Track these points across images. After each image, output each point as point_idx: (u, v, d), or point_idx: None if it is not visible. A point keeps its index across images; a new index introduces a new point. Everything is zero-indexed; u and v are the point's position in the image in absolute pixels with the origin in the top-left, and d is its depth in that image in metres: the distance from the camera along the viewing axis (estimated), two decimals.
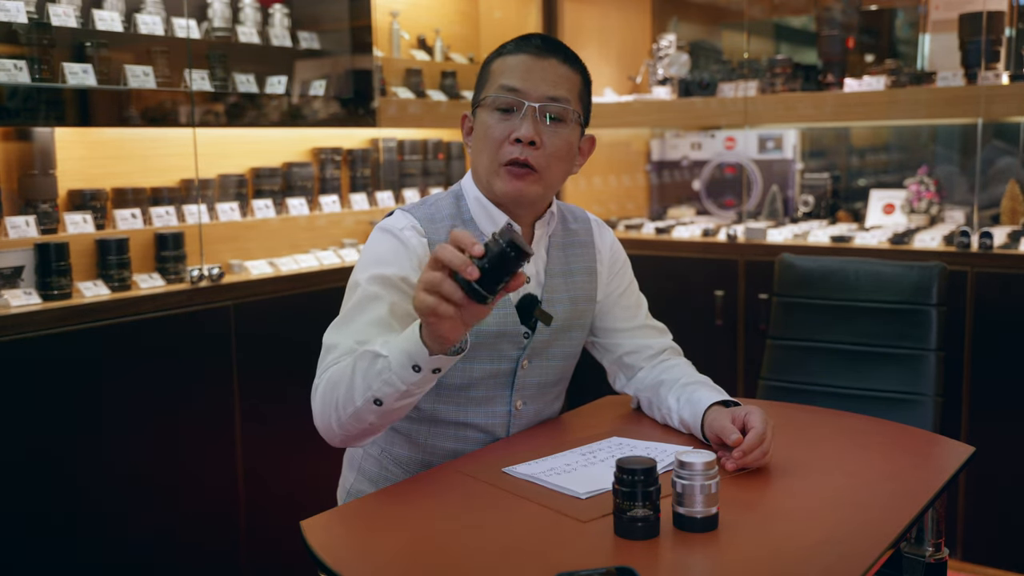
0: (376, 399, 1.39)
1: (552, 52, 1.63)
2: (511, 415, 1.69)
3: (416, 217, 1.64)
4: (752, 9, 4.11)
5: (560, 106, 1.61)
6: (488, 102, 1.62)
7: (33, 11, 2.52)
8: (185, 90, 2.77)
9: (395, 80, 3.55)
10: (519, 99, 1.59)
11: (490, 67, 1.66)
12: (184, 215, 2.83)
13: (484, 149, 1.63)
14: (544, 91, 1.60)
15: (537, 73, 1.60)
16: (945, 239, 3.18)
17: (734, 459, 1.46)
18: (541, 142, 1.59)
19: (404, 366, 1.35)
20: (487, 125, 1.62)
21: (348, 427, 1.45)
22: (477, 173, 1.67)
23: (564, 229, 1.78)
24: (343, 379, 1.43)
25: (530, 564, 1.18)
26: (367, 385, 1.39)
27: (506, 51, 1.65)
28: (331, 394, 1.45)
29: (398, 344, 1.37)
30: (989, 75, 3.14)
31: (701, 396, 1.65)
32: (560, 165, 1.64)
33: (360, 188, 3.39)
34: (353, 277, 1.61)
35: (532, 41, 1.64)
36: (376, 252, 1.61)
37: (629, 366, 1.84)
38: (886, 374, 2.20)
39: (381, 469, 1.71)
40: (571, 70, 1.64)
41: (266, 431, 2.81)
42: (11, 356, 2.27)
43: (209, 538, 2.68)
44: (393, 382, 1.36)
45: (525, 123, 1.58)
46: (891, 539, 1.24)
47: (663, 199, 4.30)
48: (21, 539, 2.28)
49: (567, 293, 1.74)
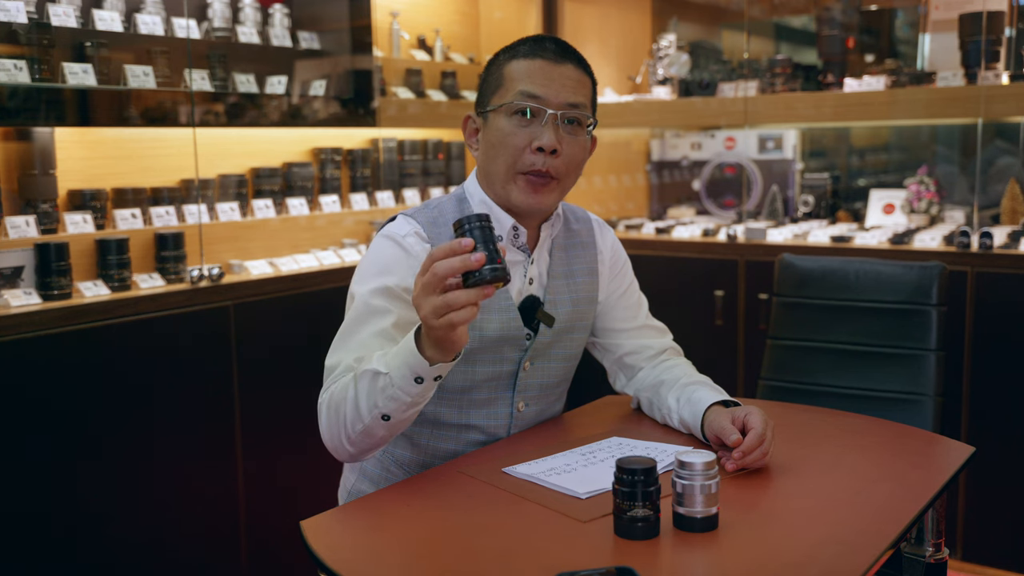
0: (383, 415, 1.41)
1: (568, 57, 1.62)
2: (513, 416, 1.69)
3: (419, 222, 1.63)
4: (752, 9, 4.11)
5: (579, 112, 1.60)
6: (506, 108, 1.59)
7: (33, 11, 2.52)
8: (185, 90, 2.77)
9: (395, 80, 3.55)
10: (541, 106, 1.57)
11: (503, 70, 1.62)
12: (184, 215, 2.83)
13: (500, 156, 1.60)
14: (564, 98, 1.59)
15: (557, 80, 1.59)
16: (945, 239, 3.18)
17: (734, 460, 1.46)
18: (561, 150, 1.58)
19: (406, 379, 1.37)
20: (504, 132, 1.59)
21: (360, 443, 1.47)
22: (489, 178, 1.64)
23: (566, 230, 1.78)
24: (346, 400, 1.44)
25: (530, 564, 1.18)
26: (372, 403, 1.40)
27: (520, 54, 1.62)
28: (335, 415, 1.47)
29: (396, 359, 1.38)
30: (989, 75, 3.14)
31: (701, 396, 1.65)
32: (576, 171, 1.64)
33: (360, 188, 3.39)
34: (354, 286, 1.59)
35: (547, 45, 1.62)
36: (378, 261, 1.59)
37: (629, 366, 1.84)
38: (886, 374, 2.20)
39: (383, 470, 1.71)
40: (584, 75, 1.64)
41: (266, 431, 2.81)
42: (11, 356, 2.27)
43: (209, 538, 2.68)
44: (398, 396, 1.38)
45: (547, 132, 1.57)
46: (891, 539, 1.24)
47: (663, 199, 4.30)
48: (21, 539, 2.28)
49: (569, 295, 1.73)
